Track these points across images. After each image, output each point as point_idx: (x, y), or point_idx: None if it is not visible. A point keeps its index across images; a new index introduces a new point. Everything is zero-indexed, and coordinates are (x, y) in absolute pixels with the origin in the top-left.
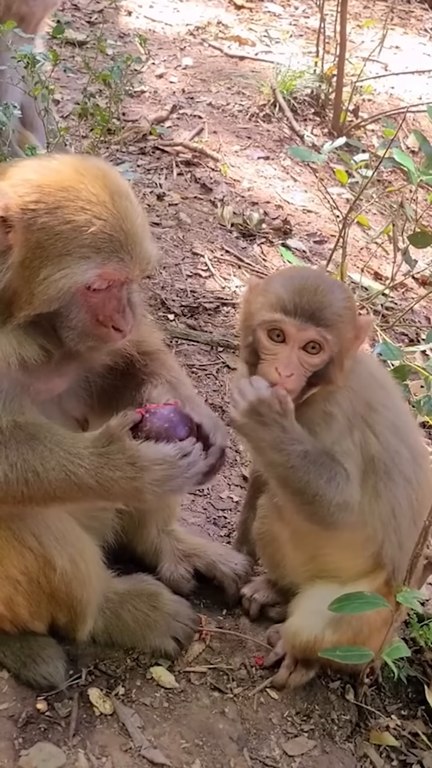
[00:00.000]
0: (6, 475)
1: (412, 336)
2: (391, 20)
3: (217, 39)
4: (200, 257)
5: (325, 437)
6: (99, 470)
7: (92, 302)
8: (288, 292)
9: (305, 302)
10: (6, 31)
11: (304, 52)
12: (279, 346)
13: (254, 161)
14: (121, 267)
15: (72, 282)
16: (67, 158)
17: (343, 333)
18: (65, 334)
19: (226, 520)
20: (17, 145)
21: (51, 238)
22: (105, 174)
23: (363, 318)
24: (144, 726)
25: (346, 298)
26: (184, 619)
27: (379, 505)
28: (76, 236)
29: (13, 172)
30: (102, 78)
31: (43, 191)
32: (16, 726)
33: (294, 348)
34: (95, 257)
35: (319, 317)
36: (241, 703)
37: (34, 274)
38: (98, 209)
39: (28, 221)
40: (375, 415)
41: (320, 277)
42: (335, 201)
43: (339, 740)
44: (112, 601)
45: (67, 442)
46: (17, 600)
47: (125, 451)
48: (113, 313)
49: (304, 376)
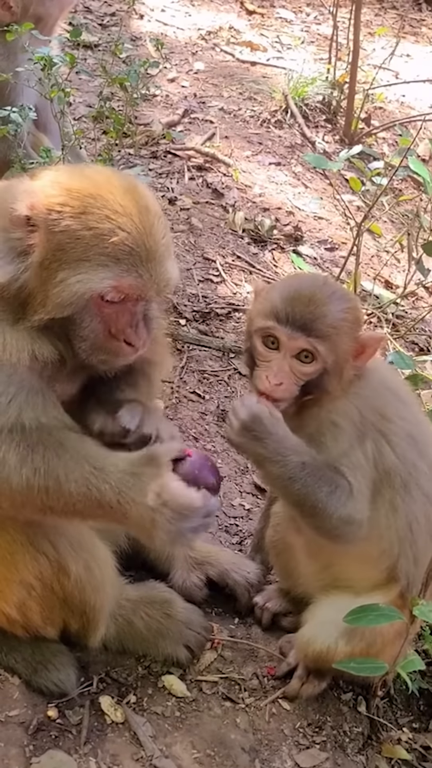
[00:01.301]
0: (28, 479)
1: (423, 345)
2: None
3: (229, 44)
4: (212, 262)
5: (333, 449)
6: (124, 490)
7: (105, 313)
8: (282, 300)
9: (298, 311)
10: (23, 33)
11: (315, 58)
12: (272, 354)
13: (266, 167)
14: (137, 283)
15: (87, 288)
16: (101, 168)
17: (338, 344)
18: (78, 344)
19: (238, 528)
20: (31, 147)
21: (72, 241)
22: (136, 188)
23: (372, 334)
24: (155, 735)
25: (345, 309)
26: (197, 627)
27: (396, 519)
28: (97, 243)
29: (45, 174)
30: (119, 81)
31: (71, 194)
32: (27, 733)
33: (286, 356)
34: (113, 267)
35: (310, 327)
36: (252, 713)
37: (51, 276)
38: (123, 220)
39: (52, 222)
40: (390, 425)
41: (321, 285)
42: (346, 209)
43: (351, 753)
44: (125, 608)
45: (96, 457)
46: (30, 605)
47: (157, 479)
48: (126, 327)
49: (295, 385)
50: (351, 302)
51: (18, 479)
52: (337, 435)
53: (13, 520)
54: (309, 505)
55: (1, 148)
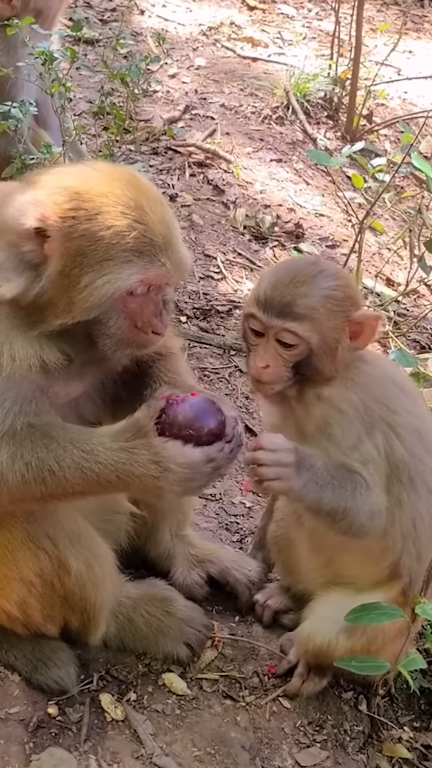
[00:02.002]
0: (23, 475)
1: (425, 343)
2: (405, 24)
3: (230, 40)
4: (212, 259)
5: (342, 440)
6: (119, 465)
7: (131, 308)
8: (264, 285)
9: (277, 295)
10: (23, 27)
11: (317, 54)
12: (259, 339)
13: (267, 164)
14: (162, 272)
15: (116, 287)
16: (96, 164)
17: (322, 324)
18: (102, 342)
19: (239, 526)
20: (31, 143)
21: (93, 244)
22: (138, 180)
23: (366, 312)
24: (156, 733)
25: (331, 287)
26: (197, 625)
27: (400, 515)
28: (118, 241)
29: (46, 180)
30: (119, 77)
31: (81, 198)
32: (27, 730)
33: (270, 340)
34: (138, 261)
35: (287, 311)
36: (253, 711)
37: (74, 282)
38: (138, 213)
39: (68, 229)
40: (397, 417)
41: (307, 264)
42: (348, 206)
43: (351, 751)
44: (125, 606)
45: (82, 439)
46: (30, 602)
47: (150, 448)
48: (151, 318)
49: (283, 367)
50: (340, 280)
51: (13, 476)
52: (343, 423)
53: (12, 517)
54: (341, 509)
55: (2, 144)
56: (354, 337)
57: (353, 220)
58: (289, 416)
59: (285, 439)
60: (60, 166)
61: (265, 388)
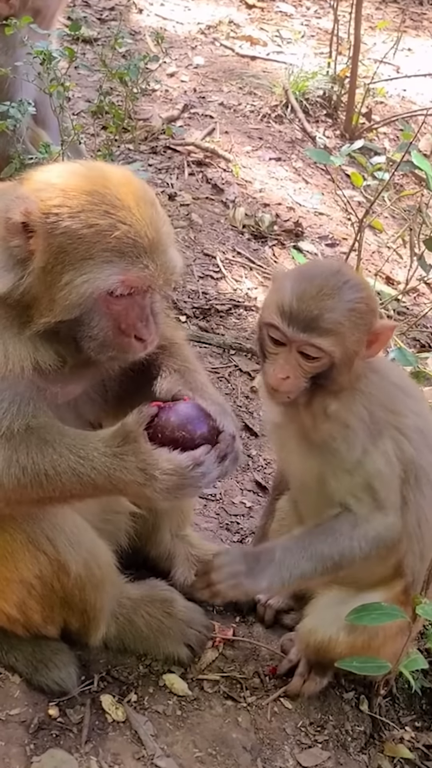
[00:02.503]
0: (18, 479)
1: (425, 342)
2: (404, 22)
3: (229, 38)
4: (212, 258)
5: (346, 456)
6: (111, 471)
7: (114, 310)
8: (289, 295)
9: (303, 308)
10: (21, 27)
11: (316, 53)
12: (279, 348)
13: (266, 162)
14: (144, 274)
15: (94, 287)
16: (92, 163)
17: (346, 338)
18: (86, 345)
19: (239, 526)
20: (30, 142)
21: (74, 242)
22: (130, 180)
23: (384, 322)
24: (157, 734)
25: (356, 300)
26: (198, 626)
27: (406, 515)
28: (99, 240)
29: (36, 177)
30: (118, 76)
31: (66, 195)
32: (28, 732)
33: (292, 351)
34: (118, 262)
35: (313, 326)
36: (254, 712)
37: (55, 280)
38: (123, 214)
39: (50, 225)
40: (403, 420)
41: (332, 274)
42: (347, 204)
43: (353, 752)
44: (126, 607)
45: (77, 445)
46: (30, 604)
47: (138, 455)
48: (136, 322)
49: (302, 378)
50: (364, 291)
51: (8, 480)
52: (348, 438)
53: (11, 518)
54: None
55: (0, 144)
56: (368, 346)
57: (353, 219)
58: (295, 419)
59: (231, 552)
60: (55, 164)
61: (281, 396)
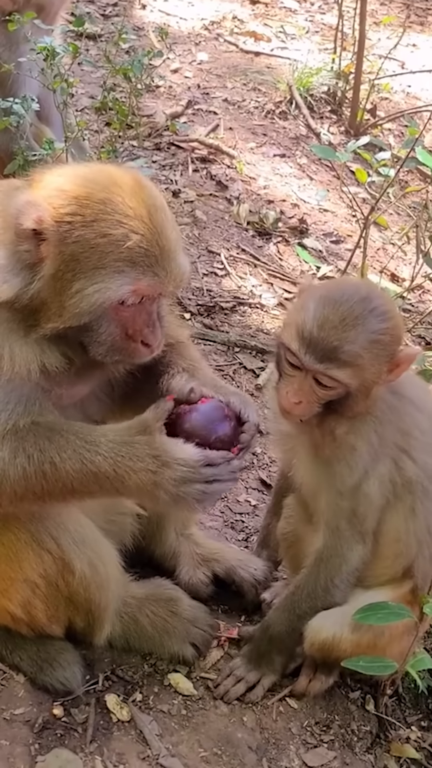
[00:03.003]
0: (24, 468)
1: (431, 339)
2: (408, 18)
3: (233, 34)
4: (216, 255)
5: (346, 479)
6: (118, 458)
7: (123, 317)
8: (311, 321)
9: (323, 337)
10: (25, 23)
11: (320, 48)
12: (295, 371)
13: (270, 159)
14: (155, 282)
15: (106, 297)
16: (101, 167)
17: (365, 370)
18: (93, 349)
19: (244, 524)
20: (33, 139)
21: (86, 251)
22: (141, 186)
23: (407, 351)
24: (162, 733)
25: (380, 330)
26: (203, 625)
27: (414, 523)
28: (112, 250)
29: (47, 181)
30: (122, 72)
31: (80, 203)
32: (33, 731)
33: (307, 377)
34: (130, 272)
35: (331, 357)
36: (260, 711)
37: (66, 287)
38: (135, 223)
39: (63, 233)
40: (411, 441)
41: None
42: (352, 201)
43: (359, 751)
44: (130, 606)
45: (84, 431)
46: (35, 603)
47: (152, 443)
48: (143, 328)
49: (316, 403)
50: (390, 321)
51: (14, 471)
52: (352, 462)
53: (16, 518)
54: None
55: (4, 140)
56: (390, 371)
57: (357, 215)
58: (306, 432)
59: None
60: (65, 167)
61: (293, 418)
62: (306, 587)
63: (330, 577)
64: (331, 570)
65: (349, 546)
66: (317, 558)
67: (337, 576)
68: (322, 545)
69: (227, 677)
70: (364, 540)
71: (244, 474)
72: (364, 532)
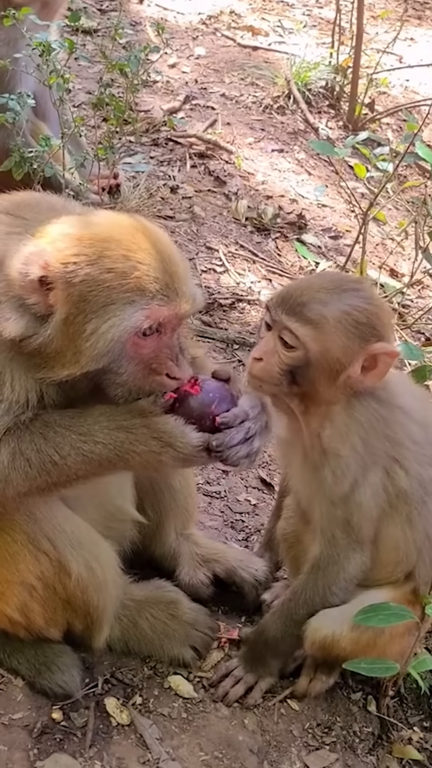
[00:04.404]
0: (26, 472)
1: (430, 335)
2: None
3: (230, 29)
4: (215, 252)
5: (335, 487)
6: (118, 443)
7: (143, 353)
8: (293, 283)
9: (296, 295)
10: (21, 18)
11: (318, 43)
12: (267, 331)
13: (268, 154)
14: (167, 305)
15: (121, 330)
16: (104, 212)
17: (329, 337)
18: (114, 392)
19: (244, 524)
20: (30, 135)
21: (94, 289)
22: (144, 226)
23: (384, 345)
24: (162, 737)
25: (356, 307)
26: (203, 627)
27: (413, 532)
28: (120, 283)
29: (51, 230)
30: (119, 67)
31: (82, 243)
32: (31, 736)
33: (274, 335)
34: (140, 299)
35: (296, 311)
36: (261, 714)
37: (79, 331)
38: (141, 255)
39: (69, 275)
40: (402, 450)
41: (346, 280)
42: (351, 196)
43: (361, 753)
44: (130, 609)
45: (80, 423)
46: (32, 606)
47: (150, 425)
48: (166, 361)
49: (276, 366)
50: (371, 306)
51: (16, 474)
52: (338, 470)
53: (12, 519)
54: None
55: (0, 137)
56: (366, 370)
57: (356, 211)
58: (297, 436)
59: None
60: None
61: (256, 383)
62: (303, 594)
63: (327, 585)
64: (328, 578)
65: (346, 554)
66: (314, 565)
67: (335, 584)
68: (319, 553)
69: (225, 677)
70: (362, 548)
71: (243, 473)
72: (360, 541)
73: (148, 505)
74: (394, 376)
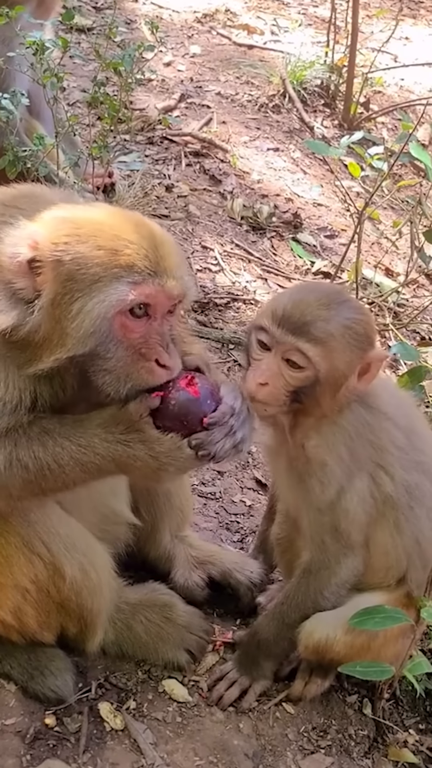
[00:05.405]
0: (23, 478)
1: (425, 334)
2: (401, 11)
3: (225, 27)
4: (210, 251)
5: (321, 495)
6: (117, 456)
7: (132, 336)
8: (284, 300)
9: (297, 312)
10: (14, 16)
11: (313, 41)
12: (265, 353)
13: (264, 152)
14: (155, 280)
15: (106, 306)
16: (101, 204)
17: (335, 354)
18: (102, 380)
19: (239, 525)
20: (24, 134)
21: (82, 267)
22: (140, 217)
23: (378, 352)
24: (156, 742)
25: (354, 319)
26: (198, 630)
27: (402, 537)
28: (109, 260)
29: (44, 215)
30: (113, 66)
31: (76, 224)
32: (24, 742)
33: (276, 357)
34: (128, 275)
35: (304, 330)
36: (256, 718)
37: (65, 311)
38: (133, 236)
39: (59, 253)
40: (387, 456)
41: (332, 292)
42: (346, 195)
43: (356, 756)
44: (124, 612)
45: (78, 434)
46: (26, 610)
47: (146, 443)
48: (156, 347)
49: (282, 389)
50: (364, 316)
51: (12, 480)
52: (324, 478)
53: (6, 522)
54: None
55: None
56: (359, 375)
57: (351, 210)
58: (283, 446)
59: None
60: (63, 206)
61: (259, 407)
62: (295, 598)
63: (319, 590)
64: (319, 582)
65: (337, 559)
66: (305, 570)
67: (326, 588)
68: (310, 558)
69: (219, 680)
70: (354, 553)
71: (239, 473)
72: (350, 546)
73: (142, 507)
74: (378, 380)
